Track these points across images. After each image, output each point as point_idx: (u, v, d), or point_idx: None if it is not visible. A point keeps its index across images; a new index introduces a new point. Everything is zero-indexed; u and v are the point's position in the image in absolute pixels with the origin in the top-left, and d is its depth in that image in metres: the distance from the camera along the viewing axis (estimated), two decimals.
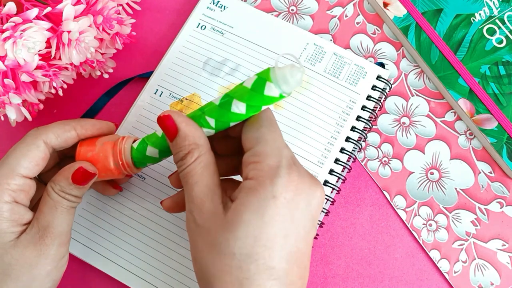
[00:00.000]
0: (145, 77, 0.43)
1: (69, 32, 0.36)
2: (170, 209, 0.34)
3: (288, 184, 0.27)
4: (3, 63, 0.34)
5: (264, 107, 0.29)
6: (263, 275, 0.26)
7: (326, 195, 0.39)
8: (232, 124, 0.29)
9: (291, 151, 0.29)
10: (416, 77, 0.43)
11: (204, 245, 0.27)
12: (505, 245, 0.40)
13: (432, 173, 0.41)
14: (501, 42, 0.42)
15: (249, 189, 0.27)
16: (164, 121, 0.29)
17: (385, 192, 0.41)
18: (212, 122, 0.29)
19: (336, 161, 0.39)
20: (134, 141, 0.34)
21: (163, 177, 0.40)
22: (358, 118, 0.40)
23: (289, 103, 0.40)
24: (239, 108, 0.28)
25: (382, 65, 0.43)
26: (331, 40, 0.44)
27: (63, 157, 0.37)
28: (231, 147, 0.33)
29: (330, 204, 0.39)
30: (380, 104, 0.41)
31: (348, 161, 0.40)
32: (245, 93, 0.28)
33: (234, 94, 0.28)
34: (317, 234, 0.39)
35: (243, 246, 0.26)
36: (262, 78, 0.27)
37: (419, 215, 0.40)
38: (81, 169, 0.32)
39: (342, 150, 0.39)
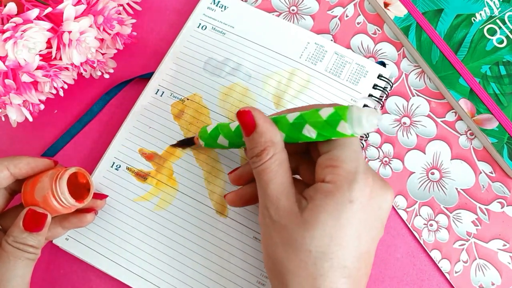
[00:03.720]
0: (146, 77, 0.43)
1: (69, 32, 0.36)
2: (233, 203, 0.35)
3: (364, 189, 0.28)
4: (4, 63, 0.34)
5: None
6: (336, 272, 0.27)
7: None
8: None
9: (363, 155, 0.29)
10: (417, 77, 0.43)
11: (280, 240, 0.28)
12: (506, 245, 0.40)
13: (432, 173, 0.41)
14: (501, 42, 0.42)
15: (327, 192, 0.28)
16: (243, 116, 0.30)
17: None
18: (281, 136, 0.30)
19: None
20: (205, 127, 0.36)
21: (164, 176, 0.40)
22: None
23: (290, 102, 0.40)
24: (310, 133, 0.29)
25: (383, 64, 0.43)
26: (331, 40, 0.44)
27: (15, 194, 0.36)
28: (295, 148, 0.33)
29: None
30: (382, 103, 0.41)
31: None
32: (319, 123, 0.28)
33: (308, 118, 0.29)
34: None
35: (319, 244, 0.27)
36: (338, 114, 0.27)
37: (420, 215, 0.40)
38: (29, 212, 0.32)
39: None
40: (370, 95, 0.41)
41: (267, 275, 0.31)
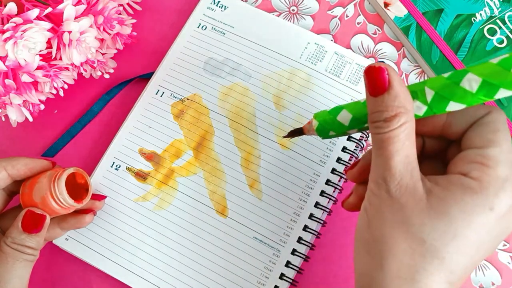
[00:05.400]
0: (146, 77, 0.43)
1: (69, 32, 0.36)
2: (352, 208, 0.32)
3: (507, 201, 0.25)
4: (4, 63, 0.34)
5: (499, 93, 0.25)
6: (441, 273, 0.25)
7: (328, 194, 0.38)
8: (448, 109, 0.26)
9: None
10: (417, 77, 0.43)
11: (391, 217, 0.26)
12: (506, 245, 0.40)
13: None
14: (501, 42, 0.42)
15: (467, 188, 0.25)
16: (376, 72, 0.26)
17: None
18: (430, 95, 0.26)
19: (338, 160, 0.39)
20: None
21: (164, 176, 0.40)
22: None
23: (290, 102, 0.40)
24: (470, 84, 0.25)
25: None
26: (332, 40, 0.44)
27: (13, 195, 0.36)
28: (432, 129, 0.29)
29: (333, 204, 0.39)
30: None
31: (350, 160, 0.40)
32: (488, 67, 0.24)
33: (471, 68, 0.25)
34: (319, 233, 0.38)
35: (437, 238, 0.25)
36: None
37: None
38: (28, 213, 0.32)
39: (344, 149, 0.39)
40: None
41: (356, 245, 0.28)
